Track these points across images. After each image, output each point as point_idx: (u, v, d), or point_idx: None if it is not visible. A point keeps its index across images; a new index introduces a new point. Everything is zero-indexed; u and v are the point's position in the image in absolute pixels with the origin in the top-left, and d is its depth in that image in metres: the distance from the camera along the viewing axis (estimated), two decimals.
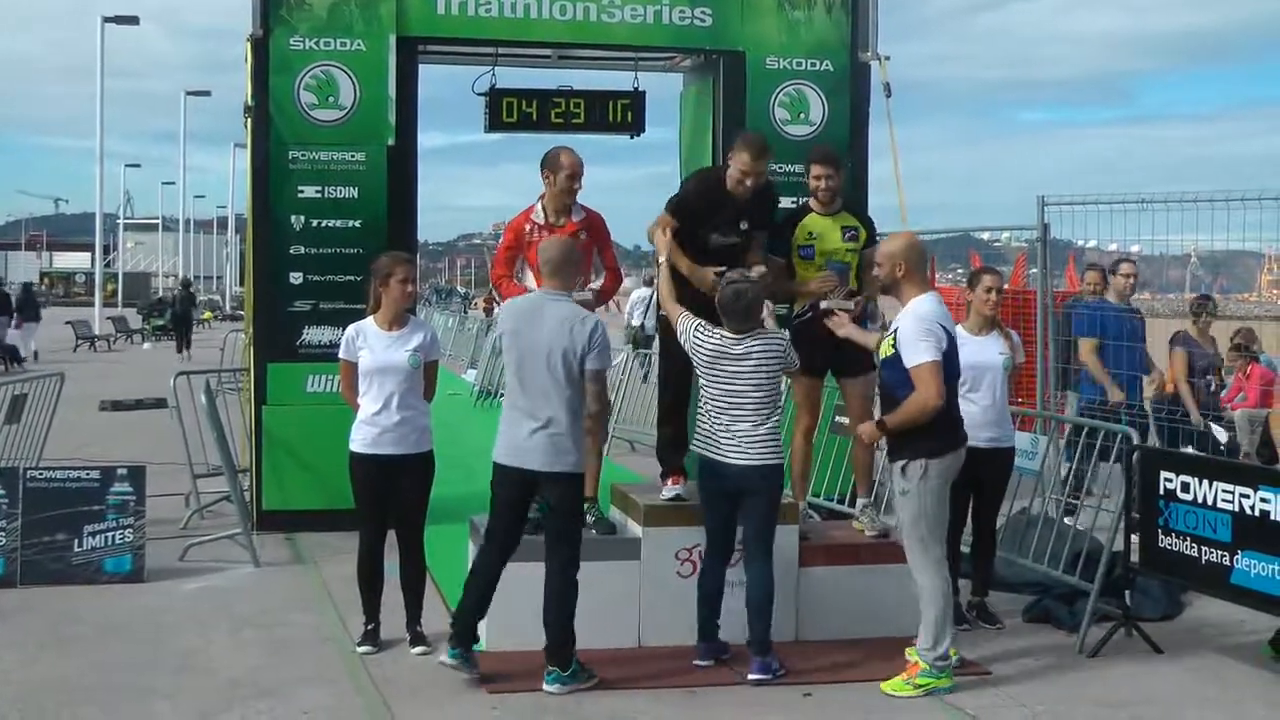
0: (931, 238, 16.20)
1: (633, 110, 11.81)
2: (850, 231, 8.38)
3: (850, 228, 8.40)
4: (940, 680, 7.14)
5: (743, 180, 7.98)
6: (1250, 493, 7.33)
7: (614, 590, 7.72)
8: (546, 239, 7.63)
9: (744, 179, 7.98)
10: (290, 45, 10.84)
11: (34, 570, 9.03)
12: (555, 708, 6.77)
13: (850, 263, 8.35)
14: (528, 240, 8.04)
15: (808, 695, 7.09)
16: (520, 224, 8.16)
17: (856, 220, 8.46)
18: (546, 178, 8.15)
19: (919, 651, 7.20)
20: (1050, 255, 11.64)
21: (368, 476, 7.57)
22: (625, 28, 11.36)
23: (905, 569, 7.36)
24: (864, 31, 11.59)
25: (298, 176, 10.87)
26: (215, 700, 6.84)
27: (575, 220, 8.15)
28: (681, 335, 7.58)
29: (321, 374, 10.74)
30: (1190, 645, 8.12)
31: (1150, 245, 11.68)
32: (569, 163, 8.16)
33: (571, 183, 8.12)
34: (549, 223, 8.09)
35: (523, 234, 8.09)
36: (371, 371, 7.60)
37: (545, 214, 8.13)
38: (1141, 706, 7.01)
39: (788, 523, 7.94)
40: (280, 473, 10.86)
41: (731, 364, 7.33)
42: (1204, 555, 7.58)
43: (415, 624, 7.76)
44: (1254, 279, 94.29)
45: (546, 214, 8.13)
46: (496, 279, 8.24)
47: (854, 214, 8.54)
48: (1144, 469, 8.07)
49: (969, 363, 8.39)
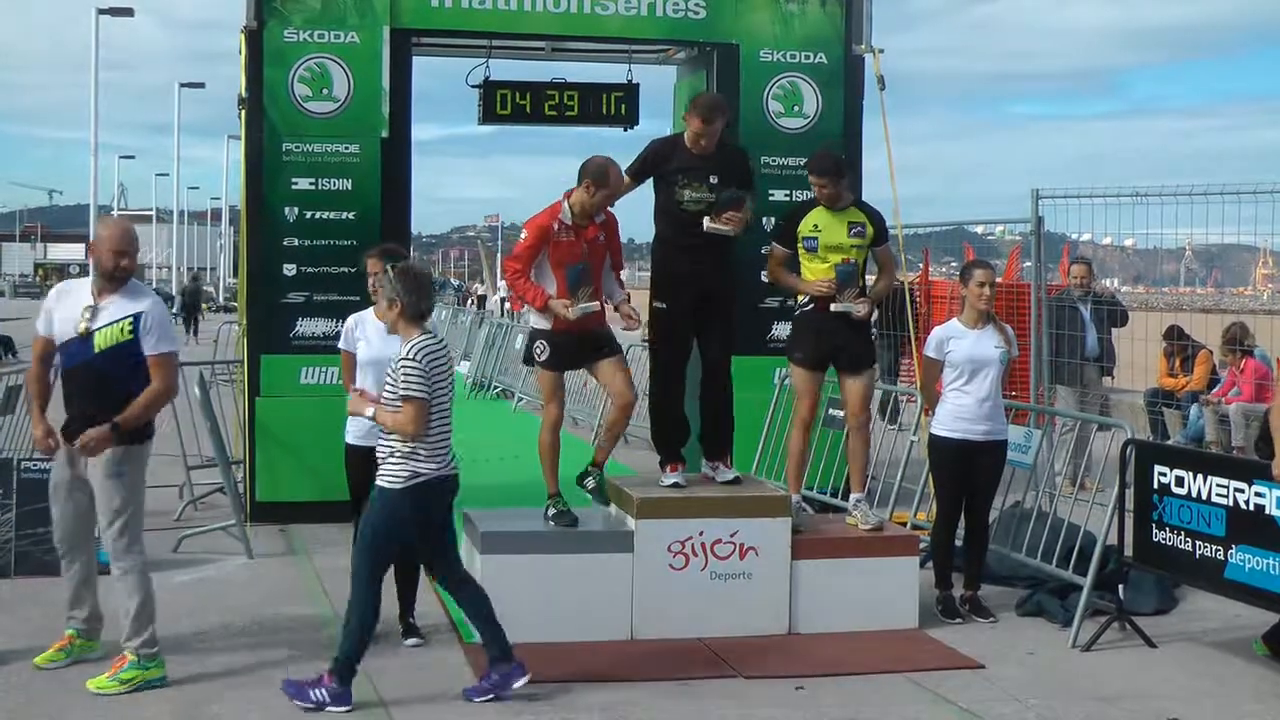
0: (925, 231, 16.28)
1: (626, 103, 11.81)
2: (857, 227, 8.36)
3: (857, 224, 8.37)
4: (150, 671, 6.87)
5: (698, 139, 8.22)
6: (1245, 487, 7.33)
7: (607, 583, 7.72)
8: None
9: (699, 139, 8.22)
10: (284, 37, 10.81)
11: (28, 561, 9.01)
12: (546, 699, 6.76)
13: (858, 260, 8.35)
14: (554, 239, 7.94)
15: (800, 689, 7.09)
16: (546, 222, 7.95)
17: (865, 216, 8.44)
18: (588, 187, 7.88)
19: (124, 644, 6.90)
20: (1044, 248, 11.65)
21: (364, 467, 7.55)
22: (619, 20, 11.34)
23: (899, 561, 7.36)
24: (858, 24, 11.59)
25: (291, 168, 10.86)
26: (208, 691, 6.83)
27: (597, 223, 8.06)
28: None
29: (315, 366, 10.74)
30: (1184, 640, 8.12)
31: (1145, 239, 11.70)
32: (616, 185, 7.99)
33: (609, 201, 8.03)
34: (576, 224, 8.01)
35: (549, 232, 7.92)
36: (368, 363, 7.60)
37: (572, 215, 8.02)
38: (1134, 700, 7.02)
39: (781, 516, 7.96)
40: (274, 464, 10.85)
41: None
42: (1198, 550, 7.58)
43: (408, 615, 7.77)
44: (1249, 273, 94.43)
45: (574, 216, 8.03)
46: (514, 275, 8.06)
47: (863, 210, 8.52)
48: (1138, 463, 8.08)
49: (966, 356, 8.41)
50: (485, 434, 16.30)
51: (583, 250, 7.88)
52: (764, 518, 7.96)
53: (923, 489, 9.90)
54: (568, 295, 7.79)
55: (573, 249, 7.86)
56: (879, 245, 8.49)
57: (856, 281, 8.32)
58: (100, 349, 6.86)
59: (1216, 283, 61.99)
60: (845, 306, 8.23)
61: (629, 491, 8.07)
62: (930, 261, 17.07)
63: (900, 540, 8.47)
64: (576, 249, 7.87)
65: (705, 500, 8.04)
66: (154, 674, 6.88)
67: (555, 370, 8.03)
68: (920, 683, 7.22)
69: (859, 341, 8.42)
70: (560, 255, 7.86)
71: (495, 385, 20.88)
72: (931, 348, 8.63)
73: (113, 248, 6.91)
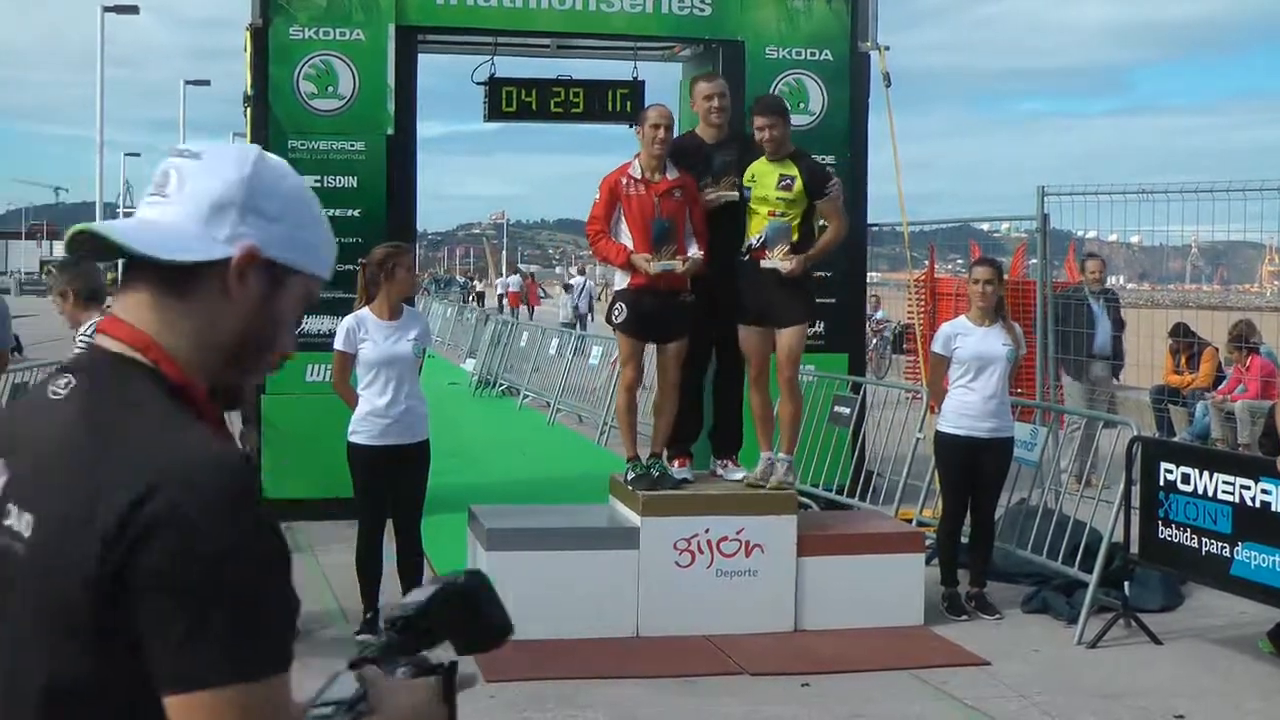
0: (931, 228, 16.25)
1: (632, 100, 11.81)
2: (786, 180, 8.05)
3: (787, 176, 8.06)
4: None
5: (709, 113, 8.33)
6: (1251, 484, 7.33)
7: (612, 580, 7.72)
8: None
9: (709, 111, 8.33)
10: (289, 34, 10.82)
11: None
12: (553, 696, 6.77)
13: (789, 215, 8.04)
14: (625, 195, 8.03)
15: (805, 686, 7.09)
16: (616, 178, 8.08)
17: (797, 170, 8.09)
18: (638, 134, 8.18)
19: None
20: (1050, 245, 11.64)
21: (373, 467, 7.56)
22: (624, 17, 11.34)
23: (905, 558, 7.35)
24: (863, 21, 11.58)
25: (297, 166, 10.47)
26: None
27: (670, 178, 8.07)
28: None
29: (320, 363, 10.70)
30: (1189, 637, 8.11)
31: (1151, 236, 11.70)
32: (655, 114, 8.15)
33: (657, 132, 8.01)
34: (645, 177, 8.07)
35: (619, 188, 8.03)
36: (377, 363, 7.58)
37: (641, 169, 8.09)
38: (1140, 697, 7.01)
39: (785, 512, 7.95)
40: (279, 461, 10.84)
41: None
42: (1204, 547, 7.58)
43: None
44: (1255, 270, 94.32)
45: (642, 169, 8.09)
46: (595, 235, 8.11)
47: (798, 162, 8.17)
48: (1144, 460, 8.07)
49: (973, 353, 8.39)
50: (491, 431, 16.32)
51: (654, 205, 7.96)
52: (770, 515, 7.96)
53: (928, 486, 9.90)
54: (650, 252, 7.87)
55: (644, 204, 7.97)
56: (819, 198, 8.14)
57: (788, 238, 8.01)
58: None
59: (1222, 280, 61.87)
60: (773, 263, 7.95)
61: (634, 488, 8.08)
62: (936, 258, 17.00)
63: (906, 537, 8.47)
64: (648, 203, 7.97)
65: (711, 497, 8.04)
66: None
67: (631, 336, 8.12)
68: (926, 679, 7.22)
69: (790, 295, 8.06)
70: (633, 212, 7.97)
71: (501, 383, 20.91)
72: (939, 344, 8.62)
73: None
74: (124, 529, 1.63)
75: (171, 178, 1.85)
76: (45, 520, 1.71)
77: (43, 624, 1.71)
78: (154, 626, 1.64)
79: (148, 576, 1.63)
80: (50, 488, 1.73)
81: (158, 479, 1.65)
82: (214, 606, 1.63)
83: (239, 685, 1.65)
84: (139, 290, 1.83)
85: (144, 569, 1.63)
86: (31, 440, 1.79)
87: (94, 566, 1.64)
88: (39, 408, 1.82)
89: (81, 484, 1.69)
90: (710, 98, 8.38)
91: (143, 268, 1.81)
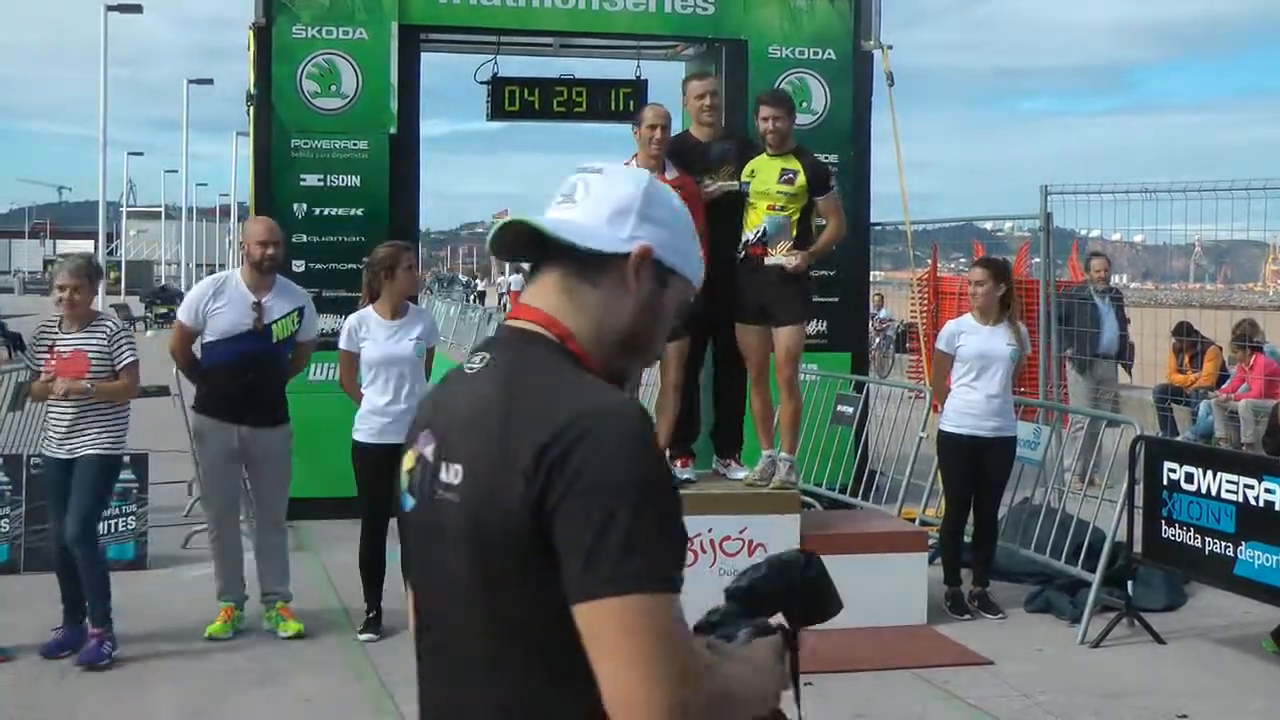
0: (934, 227, 16.24)
1: (635, 99, 11.77)
2: (788, 174, 7.94)
3: (789, 170, 7.96)
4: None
5: (702, 111, 8.31)
6: (1255, 483, 7.32)
7: None
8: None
9: (701, 110, 8.32)
10: (293, 33, 10.83)
11: (37, 557, 9.02)
12: None
13: (789, 210, 7.93)
14: None
15: (808, 684, 7.07)
16: None
17: (799, 164, 7.99)
18: (635, 134, 8.11)
19: (285, 595, 7.81)
20: (1053, 245, 11.63)
21: (376, 465, 7.55)
22: (627, 16, 11.34)
23: (908, 558, 7.34)
24: (866, 20, 11.59)
25: (300, 165, 10.87)
26: (217, 687, 6.84)
27: (668, 178, 7.87)
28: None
29: (324, 362, 10.70)
30: (1193, 636, 8.10)
31: (1154, 235, 11.68)
32: (651, 114, 8.07)
33: (654, 132, 7.95)
34: None
35: None
36: (379, 362, 7.60)
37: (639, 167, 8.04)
38: (1143, 697, 7.01)
39: (788, 512, 7.94)
40: None
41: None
42: (1207, 546, 7.57)
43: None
44: (1258, 269, 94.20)
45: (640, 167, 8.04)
46: None
47: (800, 157, 8.06)
48: (1148, 459, 8.06)
49: (976, 352, 8.38)
50: None
51: None
52: (773, 514, 7.95)
53: (931, 485, 9.89)
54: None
55: None
56: (820, 195, 8.05)
57: (789, 233, 7.93)
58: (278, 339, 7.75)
59: (1226, 279, 61.74)
60: (777, 259, 7.88)
61: None
62: (939, 257, 16.99)
63: (909, 536, 8.46)
64: None
65: (714, 497, 8.03)
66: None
67: None
68: (929, 679, 7.22)
69: (790, 293, 7.99)
70: None
71: None
72: (943, 342, 8.62)
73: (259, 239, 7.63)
74: (540, 459, 1.89)
75: (579, 187, 2.14)
76: (472, 468, 1.99)
77: (476, 565, 1.96)
78: (571, 540, 1.86)
79: (565, 494, 1.87)
80: (472, 441, 2.00)
81: (570, 419, 1.90)
82: (633, 517, 1.85)
83: (656, 594, 1.86)
84: (551, 277, 2.12)
85: (561, 489, 1.87)
86: (451, 408, 2.10)
87: (517, 500, 1.90)
88: (455, 380, 2.15)
89: (499, 432, 1.96)
90: (702, 96, 8.37)
91: (555, 259, 2.11)
